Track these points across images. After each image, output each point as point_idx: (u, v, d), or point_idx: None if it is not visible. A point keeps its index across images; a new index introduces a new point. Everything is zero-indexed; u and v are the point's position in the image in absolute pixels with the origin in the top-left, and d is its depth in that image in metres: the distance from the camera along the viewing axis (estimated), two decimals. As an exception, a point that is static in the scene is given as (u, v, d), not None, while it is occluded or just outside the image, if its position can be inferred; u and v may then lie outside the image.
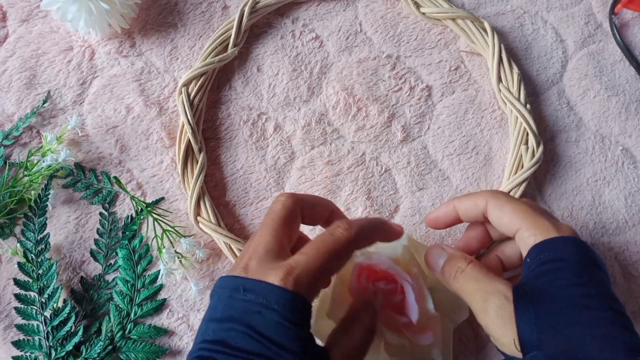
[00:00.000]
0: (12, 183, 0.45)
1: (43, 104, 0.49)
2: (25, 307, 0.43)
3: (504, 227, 0.35)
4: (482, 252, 0.40)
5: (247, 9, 0.50)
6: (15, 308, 0.43)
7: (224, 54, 0.49)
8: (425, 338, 0.35)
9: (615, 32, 0.52)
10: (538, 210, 0.35)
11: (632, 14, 0.53)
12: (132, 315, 0.43)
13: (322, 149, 0.49)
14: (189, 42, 0.51)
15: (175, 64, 0.51)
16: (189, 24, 0.52)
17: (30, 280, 0.43)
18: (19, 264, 0.43)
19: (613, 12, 0.52)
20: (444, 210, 0.38)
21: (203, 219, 0.45)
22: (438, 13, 0.50)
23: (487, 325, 0.32)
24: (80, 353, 0.42)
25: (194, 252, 0.44)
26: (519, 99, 0.47)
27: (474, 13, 0.52)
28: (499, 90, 0.48)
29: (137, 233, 0.46)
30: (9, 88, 0.49)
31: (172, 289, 0.45)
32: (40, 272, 0.43)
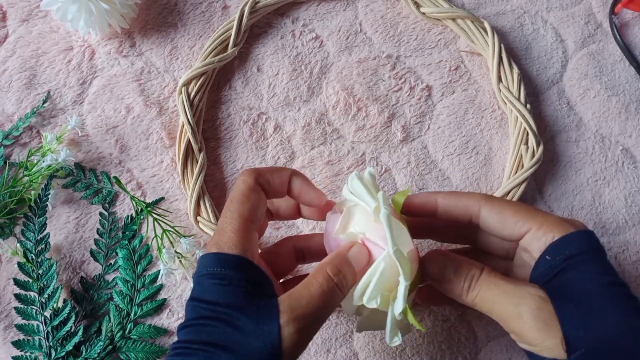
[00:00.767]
0: (12, 183, 0.45)
1: (43, 104, 0.49)
2: (25, 307, 0.43)
3: (507, 229, 0.33)
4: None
5: (247, 9, 0.50)
6: (15, 308, 0.43)
7: (224, 54, 0.49)
8: None
9: (616, 32, 0.52)
10: (538, 210, 0.34)
11: (632, 14, 0.53)
12: (132, 315, 0.43)
13: (322, 149, 0.49)
14: (189, 42, 0.51)
15: (175, 64, 0.51)
16: (189, 24, 0.52)
17: (30, 280, 0.43)
18: (19, 264, 0.43)
19: (613, 12, 0.52)
20: (423, 199, 0.36)
21: (203, 219, 0.45)
22: (438, 13, 0.50)
23: (522, 332, 0.30)
24: (80, 353, 0.42)
25: (194, 252, 0.44)
26: (519, 99, 0.47)
27: (474, 13, 0.52)
28: (499, 90, 0.48)
29: (137, 233, 0.46)
30: (9, 88, 0.49)
31: (172, 289, 0.45)
32: (40, 272, 0.43)
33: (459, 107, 0.50)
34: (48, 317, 0.42)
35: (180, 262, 0.44)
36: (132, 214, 0.46)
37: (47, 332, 0.42)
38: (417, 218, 0.37)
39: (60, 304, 0.43)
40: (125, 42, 0.51)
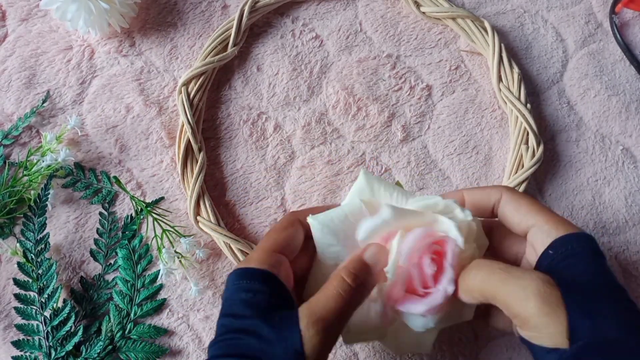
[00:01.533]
0: (11, 183, 0.45)
1: (42, 104, 0.48)
2: (25, 307, 0.43)
3: (518, 219, 0.34)
4: None
5: (246, 9, 0.50)
6: (15, 308, 0.43)
7: (224, 54, 0.49)
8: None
9: (616, 31, 0.52)
10: (550, 209, 0.35)
11: (632, 14, 0.53)
12: (132, 315, 0.43)
13: (322, 149, 0.49)
14: (189, 41, 0.51)
15: (175, 64, 0.50)
16: (189, 24, 0.52)
17: (30, 280, 0.43)
18: (19, 264, 0.43)
19: (613, 11, 0.52)
20: (451, 197, 0.36)
21: (203, 219, 0.45)
22: (438, 12, 0.50)
23: (526, 316, 0.29)
24: (80, 353, 0.42)
25: (194, 252, 0.44)
26: (519, 99, 0.47)
27: (474, 12, 0.52)
28: (499, 90, 0.48)
29: (136, 233, 0.46)
30: (9, 87, 0.49)
31: (172, 289, 0.45)
32: (40, 272, 0.43)
33: (459, 106, 0.50)
34: (48, 317, 0.42)
35: (180, 262, 0.44)
36: (131, 214, 0.46)
37: (47, 332, 0.42)
38: None
39: (60, 304, 0.43)
40: (125, 41, 0.51)
